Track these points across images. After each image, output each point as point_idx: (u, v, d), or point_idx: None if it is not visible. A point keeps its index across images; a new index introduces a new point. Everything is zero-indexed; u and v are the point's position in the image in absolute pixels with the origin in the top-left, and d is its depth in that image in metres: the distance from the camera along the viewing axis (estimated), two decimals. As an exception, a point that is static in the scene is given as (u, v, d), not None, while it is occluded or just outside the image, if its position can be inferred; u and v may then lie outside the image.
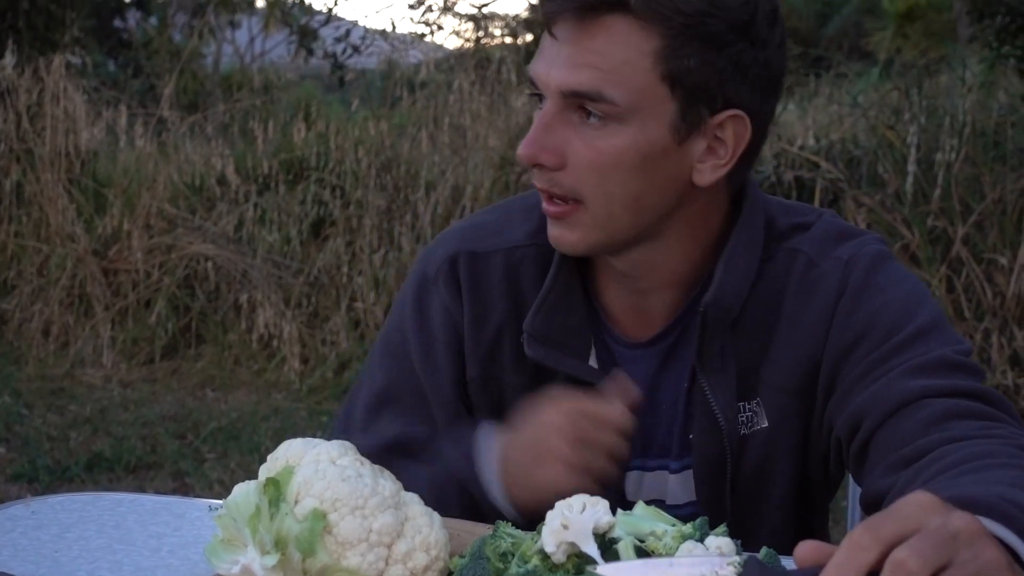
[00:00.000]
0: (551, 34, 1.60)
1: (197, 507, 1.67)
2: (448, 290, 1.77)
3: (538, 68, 1.61)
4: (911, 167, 6.56)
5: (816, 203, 6.75)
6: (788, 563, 1.32)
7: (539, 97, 1.64)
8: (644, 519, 1.34)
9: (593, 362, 1.74)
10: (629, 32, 1.56)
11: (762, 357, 1.70)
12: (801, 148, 7.22)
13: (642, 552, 1.31)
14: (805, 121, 7.46)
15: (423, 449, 1.74)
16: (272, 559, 1.33)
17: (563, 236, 1.65)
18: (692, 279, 1.72)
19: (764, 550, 1.33)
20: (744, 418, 1.70)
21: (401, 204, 7.39)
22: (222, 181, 7.66)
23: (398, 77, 8.32)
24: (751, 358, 1.70)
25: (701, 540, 1.30)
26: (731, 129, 1.64)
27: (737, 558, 1.20)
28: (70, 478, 5.33)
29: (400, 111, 8.29)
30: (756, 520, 1.74)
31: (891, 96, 7.16)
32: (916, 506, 1.07)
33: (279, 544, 1.33)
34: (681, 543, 1.29)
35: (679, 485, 1.76)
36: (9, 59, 7.85)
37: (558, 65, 1.58)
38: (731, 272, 1.68)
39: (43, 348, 7.09)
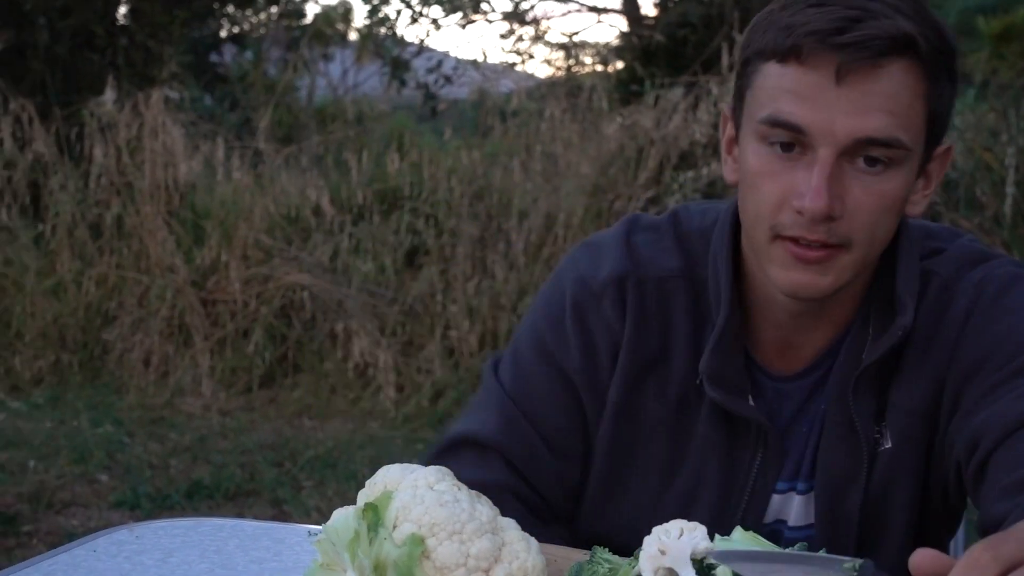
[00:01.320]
0: (835, 79, 1.54)
1: (297, 532, 1.69)
2: (614, 310, 1.75)
3: (810, 115, 1.55)
4: (1009, 189, 6.48)
5: (913, 227, 6.67)
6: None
7: (785, 146, 1.58)
8: (741, 543, 1.34)
9: (751, 400, 1.74)
10: (909, 74, 1.56)
11: (890, 380, 1.69)
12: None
13: (739, 578, 1.30)
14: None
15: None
16: (371, 584, 1.34)
17: (813, 282, 1.61)
18: (842, 313, 1.72)
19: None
20: (878, 435, 1.70)
21: (494, 233, 7.42)
22: (317, 212, 7.74)
23: (490, 106, 8.37)
24: (885, 382, 1.70)
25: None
26: (938, 161, 1.67)
27: (854, 560, 1.19)
28: (171, 505, 5.40)
29: (492, 140, 8.33)
30: (874, 548, 1.72)
31: (988, 118, 7.07)
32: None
33: (378, 569, 1.34)
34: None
35: (803, 506, 1.76)
36: (109, 95, 8.00)
37: (845, 112, 1.54)
38: (906, 301, 1.67)
39: (144, 378, 7.20)
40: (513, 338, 1.86)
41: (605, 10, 12.39)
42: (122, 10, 10.42)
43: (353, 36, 17.11)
